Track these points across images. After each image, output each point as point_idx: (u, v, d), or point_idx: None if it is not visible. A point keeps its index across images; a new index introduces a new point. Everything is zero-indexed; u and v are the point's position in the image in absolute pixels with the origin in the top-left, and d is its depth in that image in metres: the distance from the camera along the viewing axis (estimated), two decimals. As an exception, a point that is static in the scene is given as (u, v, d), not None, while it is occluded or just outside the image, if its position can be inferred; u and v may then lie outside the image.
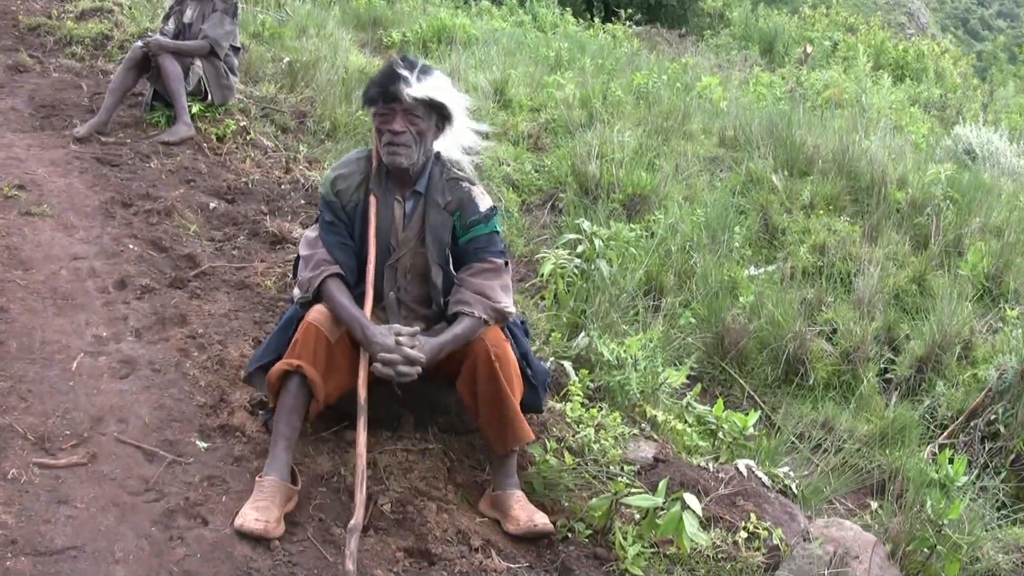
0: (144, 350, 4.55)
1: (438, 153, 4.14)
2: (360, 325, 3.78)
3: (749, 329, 7.00)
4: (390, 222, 4.06)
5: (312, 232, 4.12)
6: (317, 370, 3.73)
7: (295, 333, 3.84)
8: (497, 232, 4.12)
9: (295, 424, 3.75)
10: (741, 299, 7.23)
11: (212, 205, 6.47)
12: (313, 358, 3.74)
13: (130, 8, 10.61)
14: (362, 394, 3.72)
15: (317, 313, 3.85)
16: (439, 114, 4.03)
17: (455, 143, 4.18)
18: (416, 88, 3.90)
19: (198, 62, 7.80)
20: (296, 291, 4.09)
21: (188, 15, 7.90)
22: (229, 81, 8.00)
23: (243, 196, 6.74)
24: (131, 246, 5.62)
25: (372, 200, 4.06)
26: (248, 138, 7.80)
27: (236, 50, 8.12)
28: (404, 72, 3.91)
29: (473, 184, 4.14)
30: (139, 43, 7.71)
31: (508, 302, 3.99)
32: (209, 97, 7.87)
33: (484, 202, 4.09)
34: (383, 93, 3.92)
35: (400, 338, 3.72)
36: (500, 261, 4.06)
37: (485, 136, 4.38)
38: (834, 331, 7.39)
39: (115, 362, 4.41)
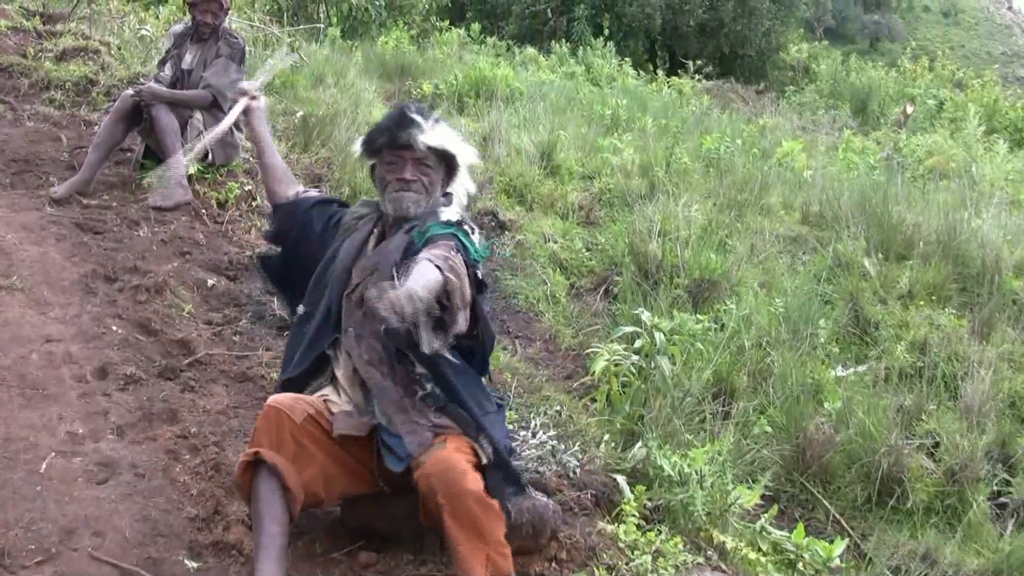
0: (126, 451, 4.56)
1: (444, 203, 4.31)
2: None
3: (835, 440, 6.94)
4: (355, 252, 4.23)
5: None
6: (284, 456, 3.72)
7: None
8: (458, 239, 4.02)
9: (274, 529, 3.70)
10: (826, 405, 7.19)
11: (210, 282, 6.52)
12: (277, 443, 3.74)
13: (119, 49, 10.67)
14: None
15: (279, 395, 3.92)
16: (447, 165, 4.26)
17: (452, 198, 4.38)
18: (430, 135, 4.10)
19: (198, 115, 7.82)
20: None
21: (187, 60, 7.95)
22: (233, 138, 8.01)
23: (247, 272, 6.78)
24: (114, 328, 5.66)
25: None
26: (254, 204, 7.86)
27: (243, 102, 8.15)
28: (417, 117, 4.11)
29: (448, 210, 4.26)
30: (130, 91, 7.75)
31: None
32: (210, 156, 7.83)
33: (448, 214, 4.17)
34: (393, 140, 4.12)
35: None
36: (448, 241, 3.95)
37: (474, 198, 4.56)
38: (936, 445, 7.32)
39: (91, 464, 4.41)
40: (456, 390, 3.95)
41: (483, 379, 4.26)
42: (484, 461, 3.82)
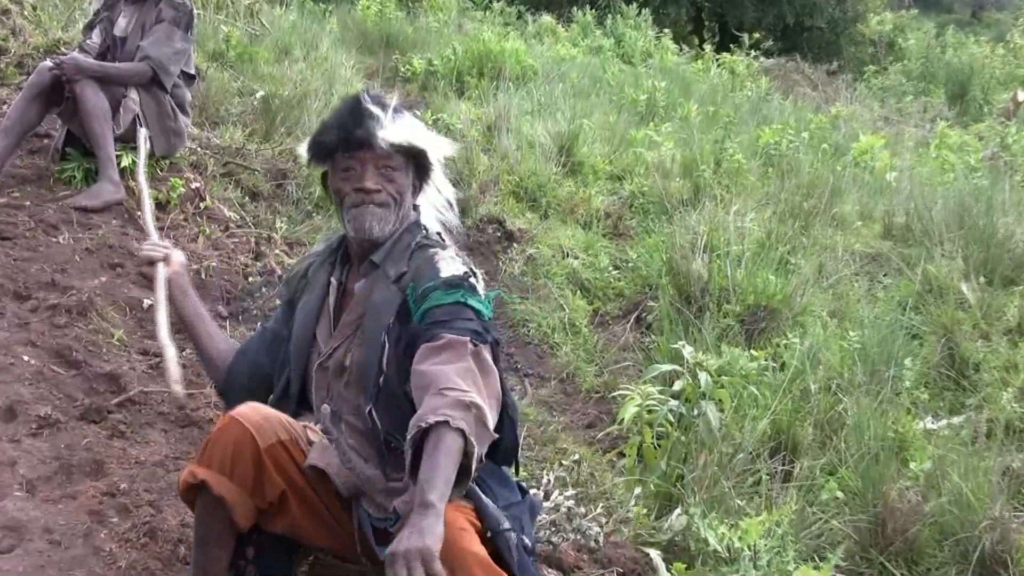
0: (38, 512, 4.54)
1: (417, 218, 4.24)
2: None
3: (924, 510, 6.92)
4: (316, 311, 4.18)
5: None
6: (238, 485, 3.71)
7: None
8: (468, 306, 3.90)
9: (218, 555, 3.80)
10: (912, 465, 7.17)
11: (147, 302, 6.49)
12: (231, 468, 3.71)
13: (35, 9, 10.55)
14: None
15: (248, 408, 3.84)
16: (417, 165, 4.15)
17: (427, 205, 4.31)
18: (391, 130, 3.99)
19: (133, 93, 7.74)
20: None
21: (121, 25, 7.85)
22: (177, 123, 7.97)
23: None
24: (26, 358, 5.64)
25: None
26: (203, 206, 7.85)
27: (189, 78, 8.12)
28: (374, 108, 4.00)
29: (443, 248, 4.13)
30: (48, 62, 7.61)
31: (469, 390, 3.60)
32: (149, 145, 7.80)
33: (449, 267, 3.98)
34: (346, 139, 4.00)
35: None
36: (462, 337, 3.78)
37: (454, 202, 4.44)
38: (1052, 517, 7.31)
39: (-5, 528, 4.41)
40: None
41: (507, 468, 4.18)
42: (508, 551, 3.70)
